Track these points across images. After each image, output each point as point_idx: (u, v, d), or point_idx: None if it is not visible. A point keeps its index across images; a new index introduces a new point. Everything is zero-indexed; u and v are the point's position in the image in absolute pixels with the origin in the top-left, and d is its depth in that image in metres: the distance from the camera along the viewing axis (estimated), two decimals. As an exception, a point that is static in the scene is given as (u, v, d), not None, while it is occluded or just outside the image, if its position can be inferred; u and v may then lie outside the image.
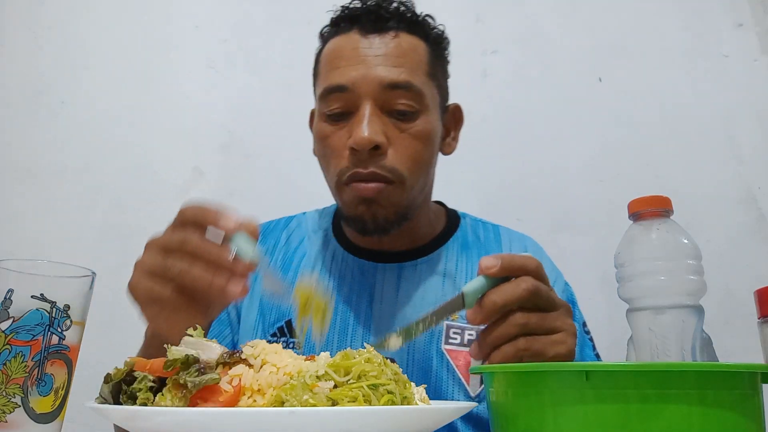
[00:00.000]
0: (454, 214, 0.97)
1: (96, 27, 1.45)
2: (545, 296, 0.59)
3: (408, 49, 0.82)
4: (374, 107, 0.78)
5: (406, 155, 0.79)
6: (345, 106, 0.80)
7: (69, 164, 1.37)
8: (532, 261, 0.60)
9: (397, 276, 0.87)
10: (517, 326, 0.57)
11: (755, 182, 1.34)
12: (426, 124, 0.81)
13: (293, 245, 0.94)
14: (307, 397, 0.42)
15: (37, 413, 0.48)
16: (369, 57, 0.80)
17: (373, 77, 0.78)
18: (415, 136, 0.80)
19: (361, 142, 0.76)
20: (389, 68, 0.79)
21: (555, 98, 1.41)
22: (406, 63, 0.80)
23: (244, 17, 1.47)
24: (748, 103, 1.38)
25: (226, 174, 1.39)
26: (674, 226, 0.58)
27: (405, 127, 0.80)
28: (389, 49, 0.80)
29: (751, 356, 0.64)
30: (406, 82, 0.79)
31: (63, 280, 0.50)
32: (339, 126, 0.80)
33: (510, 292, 0.57)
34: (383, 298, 0.85)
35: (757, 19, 1.43)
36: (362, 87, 0.78)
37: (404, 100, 0.79)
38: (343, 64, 0.80)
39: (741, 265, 1.28)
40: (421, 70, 0.82)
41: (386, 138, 0.78)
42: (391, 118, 0.79)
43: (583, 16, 1.46)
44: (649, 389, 0.38)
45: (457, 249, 0.90)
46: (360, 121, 0.77)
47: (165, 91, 1.43)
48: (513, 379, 0.44)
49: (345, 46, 0.82)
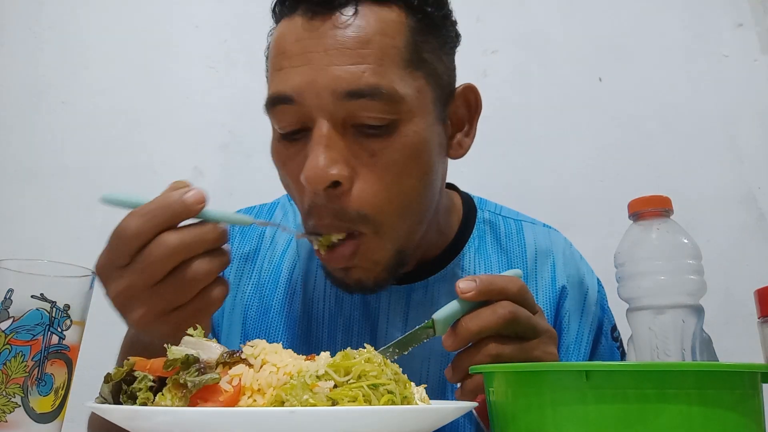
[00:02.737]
0: (469, 206, 0.80)
1: (96, 27, 1.45)
2: (525, 323, 0.54)
3: (374, 32, 0.58)
4: (330, 127, 0.58)
5: (380, 188, 0.59)
6: (297, 122, 0.61)
7: (69, 164, 1.37)
8: (514, 284, 0.55)
9: (405, 302, 0.73)
10: (489, 357, 0.53)
11: (755, 182, 1.34)
12: (407, 137, 0.60)
13: (280, 246, 0.78)
14: (307, 397, 0.42)
15: (37, 413, 0.48)
16: (317, 53, 0.58)
17: (323, 84, 0.57)
18: (392, 158, 0.59)
19: (313, 179, 0.57)
20: (346, 67, 0.57)
21: (555, 98, 1.41)
22: (371, 55, 0.58)
23: (244, 17, 1.47)
24: (748, 103, 1.38)
25: (226, 174, 1.39)
26: (674, 226, 0.58)
27: (377, 146, 0.59)
28: (346, 38, 0.58)
29: (751, 356, 0.64)
30: (370, 86, 0.57)
31: (63, 280, 0.50)
32: (296, 147, 0.61)
33: (485, 318, 0.53)
34: (388, 329, 0.72)
35: (757, 19, 1.43)
36: (311, 98, 0.58)
37: (372, 112, 0.58)
38: (285, 65, 0.60)
39: (741, 265, 1.28)
40: (397, 61, 0.59)
41: (351, 167, 0.58)
42: (358, 137, 0.59)
43: (583, 16, 1.46)
44: (649, 389, 0.37)
45: (473, 256, 0.76)
46: (312, 149, 0.58)
47: (165, 91, 1.42)
48: (513, 379, 0.44)
49: (287, 37, 0.61)
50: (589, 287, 0.81)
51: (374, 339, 0.72)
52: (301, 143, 0.61)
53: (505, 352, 0.54)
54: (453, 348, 0.55)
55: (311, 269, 0.76)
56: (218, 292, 0.54)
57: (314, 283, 0.75)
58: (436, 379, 0.74)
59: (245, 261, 0.79)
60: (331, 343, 0.73)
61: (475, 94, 0.72)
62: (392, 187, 0.60)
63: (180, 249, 0.50)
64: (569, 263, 0.82)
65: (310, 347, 0.74)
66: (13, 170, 1.36)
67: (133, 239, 0.50)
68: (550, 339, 0.58)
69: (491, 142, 1.37)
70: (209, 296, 0.53)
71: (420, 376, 0.74)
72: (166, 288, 0.51)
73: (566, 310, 0.79)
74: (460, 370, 0.55)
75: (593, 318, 0.80)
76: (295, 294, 0.75)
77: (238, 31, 1.46)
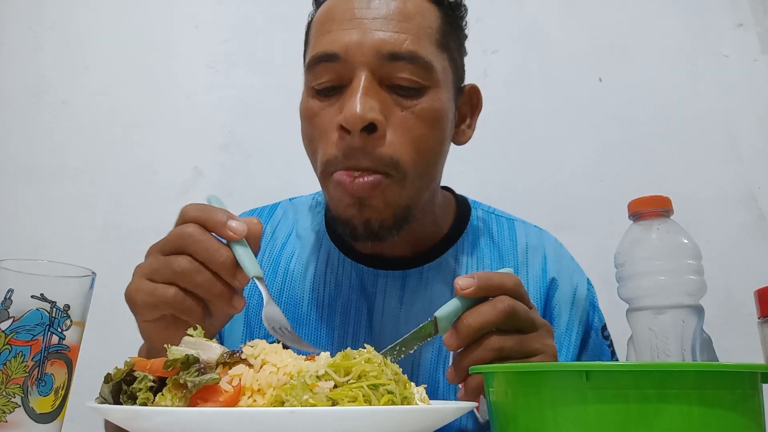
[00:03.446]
0: (464, 205, 0.85)
1: (96, 27, 1.45)
2: (524, 317, 0.56)
3: (415, 11, 0.68)
4: (371, 79, 0.65)
5: (409, 139, 0.66)
6: (336, 79, 0.67)
7: (69, 164, 1.37)
8: (511, 279, 0.57)
9: (400, 286, 0.77)
10: (492, 351, 0.54)
11: (755, 182, 1.34)
12: (434, 102, 0.68)
13: (279, 240, 0.83)
14: (307, 397, 0.42)
15: (37, 413, 0.48)
16: (366, 20, 0.66)
17: (370, 44, 0.65)
18: (420, 116, 0.67)
19: (352, 118, 0.63)
20: (390, 33, 0.65)
21: (555, 98, 1.41)
22: (412, 29, 0.67)
23: (244, 17, 1.47)
24: (748, 103, 1.38)
25: (226, 174, 1.39)
26: (674, 226, 0.58)
27: (408, 104, 0.66)
28: (391, 11, 0.67)
29: (751, 356, 0.64)
30: (410, 52, 0.65)
31: (63, 280, 0.50)
32: (329, 102, 0.68)
33: (486, 314, 0.54)
34: (384, 311, 0.76)
35: (757, 19, 1.43)
36: (356, 56, 0.65)
37: (407, 74, 0.66)
38: (334, 29, 0.67)
39: (741, 265, 1.28)
40: (431, 39, 0.68)
41: (384, 116, 0.65)
42: (392, 94, 0.67)
43: (583, 16, 1.46)
44: (649, 389, 0.37)
45: (468, 250, 0.80)
46: (352, 95, 0.64)
47: (165, 91, 1.43)
48: (513, 379, 0.44)
49: (338, 7, 0.69)
50: (579, 283, 0.82)
51: (371, 320, 0.76)
52: (334, 98, 0.68)
53: (507, 344, 0.54)
54: (456, 346, 0.55)
55: (311, 259, 0.80)
56: (222, 307, 0.56)
57: (314, 271, 0.79)
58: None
59: None
60: (330, 325, 0.76)
61: (478, 95, 0.80)
62: (418, 143, 0.67)
63: (191, 239, 0.54)
64: (559, 259, 0.84)
65: (309, 328, 0.77)
66: (12, 170, 1.36)
67: (178, 218, 0.56)
68: (548, 332, 0.59)
69: (491, 142, 1.37)
70: (213, 310, 0.56)
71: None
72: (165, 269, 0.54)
73: (556, 301, 0.80)
74: (462, 370, 0.55)
75: (583, 312, 0.81)
76: (294, 281, 0.79)
77: (238, 31, 1.46)
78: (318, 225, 0.83)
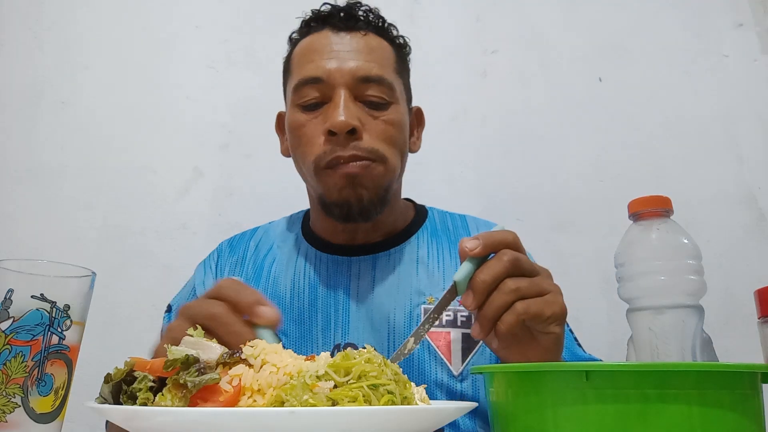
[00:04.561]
0: (422, 208, 1.00)
1: (96, 27, 1.45)
2: (527, 264, 0.60)
3: (377, 47, 0.86)
4: (348, 96, 0.81)
5: (381, 138, 0.82)
6: (320, 97, 0.83)
7: (69, 164, 1.37)
8: (509, 234, 0.61)
9: (371, 267, 0.89)
10: (511, 292, 0.58)
11: (755, 182, 1.34)
12: (397, 114, 0.85)
13: (262, 252, 0.95)
14: (307, 397, 0.42)
15: (37, 413, 0.48)
16: (342, 52, 0.84)
17: (347, 70, 0.82)
18: (388, 123, 0.83)
19: (339, 124, 0.78)
20: (361, 62, 0.83)
21: (555, 98, 1.41)
22: (377, 59, 0.85)
23: (244, 17, 1.47)
24: (748, 103, 1.38)
25: (226, 174, 1.39)
26: (674, 226, 0.58)
27: (377, 114, 0.83)
28: (360, 46, 0.85)
29: (751, 356, 0.64)
30: (378, 75, 0.83)
31: (63, 280, 0.50)
32: (314, 115, 0.83)
33: (496, 267, 0.58)
34: (359, 290, 0.87)
35: (757, 19, 1.43)
36: (337, 78, 0.82)
37: (376, 92, 0.83)
38: (316, 58, 0.84)
39: (741, 265, 1.28)
40: (390, 67, 0.87)
41: (360, 123, 0.81)
42: (365, 107, 0.83)
43: (583, 16, 1.46)
44: (649, 389, 0.37)
45: (428, 237, 0.93)
46: (336, 107, 0.80)
47: (165, 91, 1.42)
48: (513, 379, 0.44)
49: (318, 42, 0.86)
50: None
51: (348, 295, 0.87)
52: (317, 112, 0.83)
53: (521, 285, 0.58)
54: (474, 305, 0.58)
55: (291, 261, 0.92)
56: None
57: (294, 269, 0.91)
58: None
59: (234, 265, 0.95)
60: (313, 306, 0.86)
61: (421, 114, 0.98)
62: (389, 140, 0.84)
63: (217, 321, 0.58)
64: None
65: (293, 313, 0.86)
66: (13, 170, 1.36)
67: (212, 289, 0.61)
68: (549, 275, 0.63)
69: (491, 142, 1.37)
70: None
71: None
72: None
73: None
74: (487, 321, 0.58)
75: None
76: (277, 279, 0.90)
77: (238, 31, 1.46)
78: (296, 234, 0.96)
